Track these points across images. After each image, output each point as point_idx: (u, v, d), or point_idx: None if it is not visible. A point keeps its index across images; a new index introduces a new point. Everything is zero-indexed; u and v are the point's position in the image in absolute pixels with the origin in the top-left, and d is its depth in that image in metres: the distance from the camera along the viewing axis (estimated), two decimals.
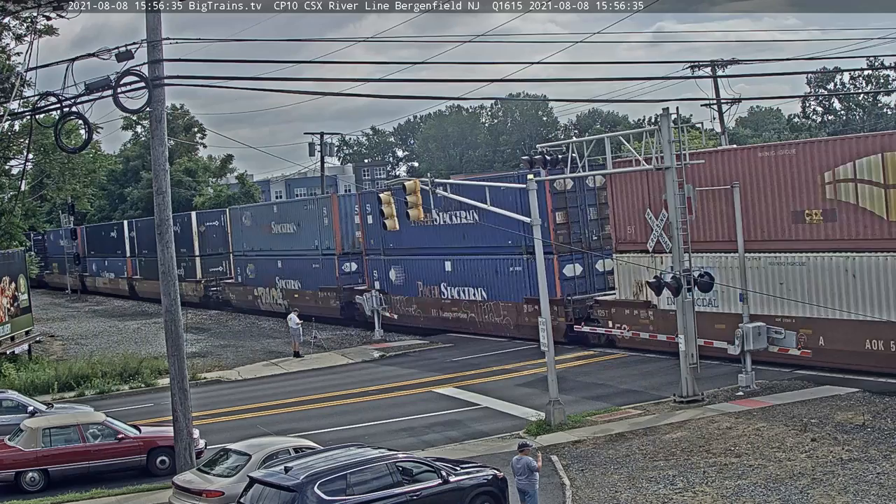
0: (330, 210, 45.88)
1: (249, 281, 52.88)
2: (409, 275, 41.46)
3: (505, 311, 36.81)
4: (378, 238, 42.35)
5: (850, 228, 25.34)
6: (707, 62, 48.50)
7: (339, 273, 45.14)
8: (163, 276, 21.20)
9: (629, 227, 31.46)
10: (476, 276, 37.88)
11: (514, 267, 35.98)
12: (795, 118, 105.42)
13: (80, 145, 26.67)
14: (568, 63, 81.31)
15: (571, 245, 33.20)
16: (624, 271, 31.93)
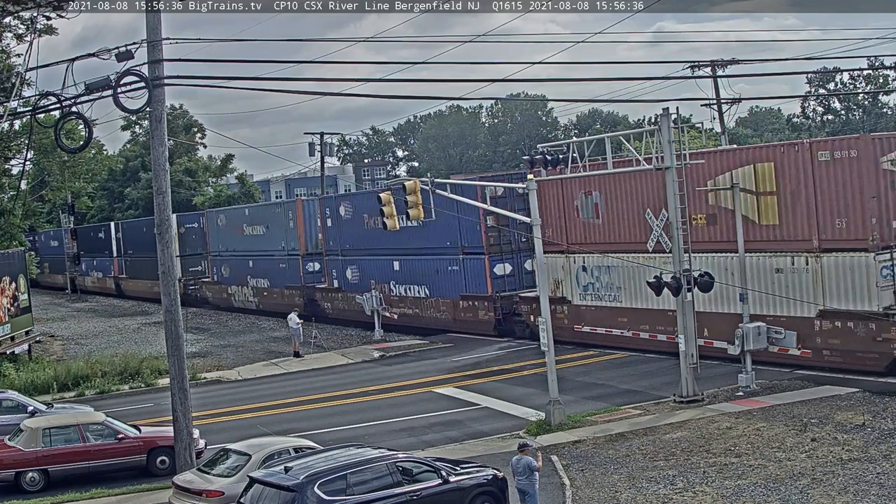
0: (295, 214, 48.73)
1: (224, 280, 55.60)
2: (363, 274, 44.19)
3: (444, 306, 39.69)
4: (337, 240, 45.97)
5: (729, 231, 27.72)
6: (707, 62, 48.51)
7: (303, 272, 48.28)
8: (163, 276, 21.21)
9: (547, 229, 33.43)
10: (420, 275, 40.87)
11: (452, 266, 39.08)
12: (795, 118, 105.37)
13: (80, 145, 26.65)
14: (568, 63, 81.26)
15: (501, 246, 37.01)
16: (553, 269, 34.38)
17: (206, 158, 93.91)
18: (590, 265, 33.46)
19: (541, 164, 26.36)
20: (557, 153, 26.80)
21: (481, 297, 37.77)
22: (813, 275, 26.13)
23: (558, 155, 26.68)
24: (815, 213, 26.24)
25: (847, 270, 25.53)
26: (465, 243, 38.37)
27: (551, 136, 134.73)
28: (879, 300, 24.93)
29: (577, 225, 33.44)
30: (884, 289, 24.93)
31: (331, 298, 46.91)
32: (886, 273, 24.97)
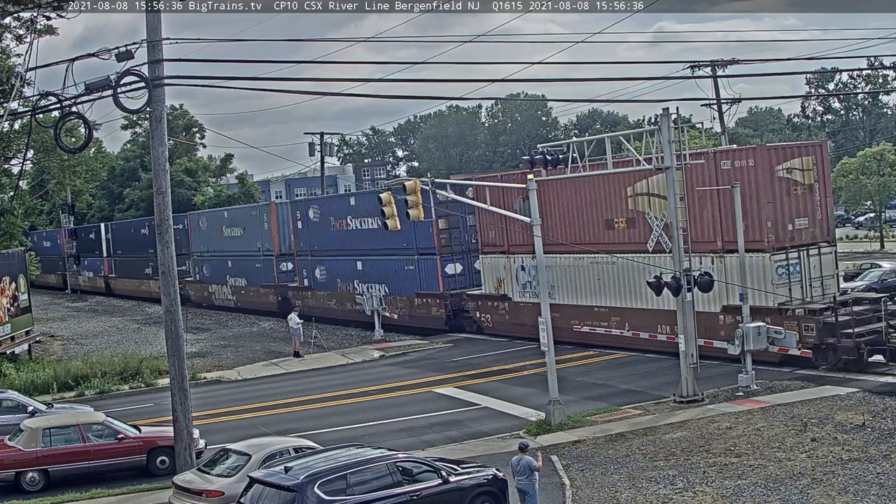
0: (269, 216, 51.66)
1: (205, 279, 58.46)
2: (330, 273, 47.08)
3: (401, 303, 42.38)
4: (307, 241, 48.75)
5: (645, 233, 30.49)
6: (707, 62, 48.52)
7: (276, 272, 51.18)
8: (163, 276, 21.23)
9: (491, 231, 37.43)
10: (381, 274, 43.59)
11: (408, 266, 41.76)
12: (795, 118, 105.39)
13: (80, 145, 26.65)
14: (568, 63, 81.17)
15: (452, 247, 39.95)
16: (488, 270, 38.12)
17: (206, 158, 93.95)
18: (527, 265, 35.93)
19: (541, 164, 26.36)
20: (557, 153, 26.80)
21: (434, 295, 40.30)
22: (717, 274, 27.61)
23: (558, 155, 26.69)
24: (720, 218, 28.61)
25: (747, 270, 27.40)
26: (419, 245, 40.76)
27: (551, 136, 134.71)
28: (775, 296, 27.52)
29: (515, 227, 34.30)
30: (779, 286, 27.66)
31: (301, 296, 49.23)
32: (781, 271, 27.72)
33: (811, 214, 28.44)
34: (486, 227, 37.61)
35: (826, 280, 28.45)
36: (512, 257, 36.76)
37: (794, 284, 27.98)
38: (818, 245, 28.53)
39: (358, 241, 44.16)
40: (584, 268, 33.28)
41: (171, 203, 21.27)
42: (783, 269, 27.75)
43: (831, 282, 28.70)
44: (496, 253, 37.52)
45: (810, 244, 28.32)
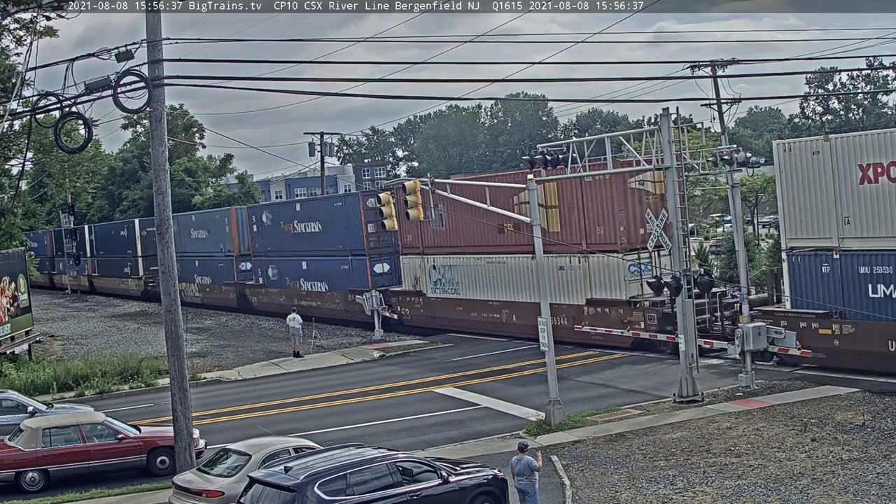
0: (229, 220, 56.15)
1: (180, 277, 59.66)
2: (281, 272, 51.73)
3: (338, 299, 46.80)
4: (261, 243, 53.35)
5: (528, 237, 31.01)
6: (707, 62, 48.48)
7: (236, 271, 55.76)
8: (162, 276, 21.23)
9: (409, 235, 42.03)
10: (322, 273, 48.03)
11: (343, 266, 46.21)
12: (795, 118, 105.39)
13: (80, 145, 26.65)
14: (568, 63, 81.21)
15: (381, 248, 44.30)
16: (407, 269, 43.12)
17: (205, 158, 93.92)
18: (438, 265, 40.84)
19: (540, 164, 26.38)
20: (557, 153, 26.82)
21: (364, 291, 43.66)
22: (583, 271, 33.54)
23: (558, 155, 26.71)
24: (584, 223, 33.54)
25: (605, 268, 32.65)
26: (352, 247, 45.28)
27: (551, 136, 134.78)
28: (627, 291, 32.08)
29: (428, 231, 39.50)
30: (631, 282, 32.06)
31: (257, 293, 54.30)
32: (633, 269, 31.93)
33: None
34: (406, 231, 41.37)
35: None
36: (426, 258, 41.57)
37: (645, 280, 30.62)
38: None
39: (303, 244, 49.01)
40: (482, 267, 38.48)
41: (171, 203, 21.23)
42: (635, 267, 31.96)
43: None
44: (413, 254, 42.30)
45: (658, 246, 28.97)
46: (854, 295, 26.00)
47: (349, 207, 46.13)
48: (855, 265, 25.88)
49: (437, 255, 40.70)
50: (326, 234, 46.61)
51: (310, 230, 47.88)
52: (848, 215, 25.91)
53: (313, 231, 47.14)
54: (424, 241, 41.56)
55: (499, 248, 36.94)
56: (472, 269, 38.76)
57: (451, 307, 39.63)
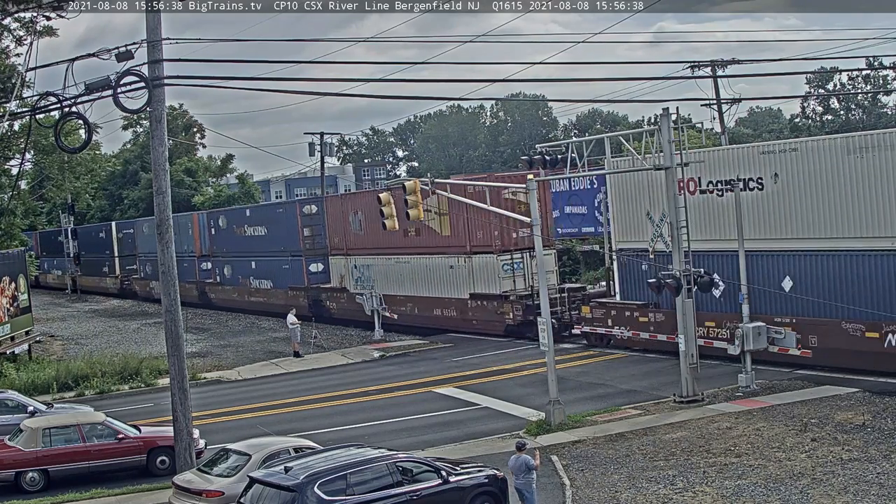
0: (192, 223, 61.14)
1: (147, 276, 67.93)
2: (234, 271, 56.69)
3: (279, 295, 51.87)
4: (218, 245, 58.25)
5: (427, 240, 39.82)
6: (707, 62, 48.50)
7: (198, 270, 60.54)
8: (162, 276, 21.24)
9: (335, 238, 47.21)
10: (267, 272, 53.14)
11: (284, 265, 51.32)
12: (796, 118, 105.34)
13: (80, 145, 26.65)
14: (568, 63, 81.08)
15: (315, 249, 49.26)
16: (334, 268, 47.90)
17: (205, 158, 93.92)
18: (358, 265, 45.83)
19: (540, 164, 26.35)
20: (556, 153, 26.80)
21: (301, 288, 49.74)
22: (467, 270, 38.73)
23: (557, 155, 26.68)
24: (468, 228, 38.22)
25: (484, 266, 38.00)
26: (291, 248, 50.30)
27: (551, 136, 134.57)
28: (500, 286, 37.28)
29: (350, 235, 45.90)
30: (504, 279, 37.27)
31: (215, 290, 59.57)
32: (507, 268, 37.18)
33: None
34: (333, 234, 47.43)
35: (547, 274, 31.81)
36: (349, 258, 46.40)
37: (517, 277, 37.29)
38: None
39: (252, 246, 54.24)
40: (391, 266, 43.22)
41: (171, 203, 21.25)
42: (508, 266, 37.24)
43: (551, 275, 36.83)
44: (339, 255, 47.22)
45: (531, 247, 33.16)
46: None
47: (288, 213, 51.51)
48: (665, 264, 27.95)
49: (357, 256, 45.80)
50: (271, 237, 51.91)
51: (258, 234, 53.20)
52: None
53: (260, 234, 52.53)
54: (348, 244, 46.42)
55: (405, 250, 42.21)
56: (384, 268, 43.72)
57: (352, 304, 44.95)
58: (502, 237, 37.34)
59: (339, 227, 46.67)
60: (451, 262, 39.54)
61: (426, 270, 40.91)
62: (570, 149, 26.83)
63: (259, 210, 56.00)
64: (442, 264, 39.83)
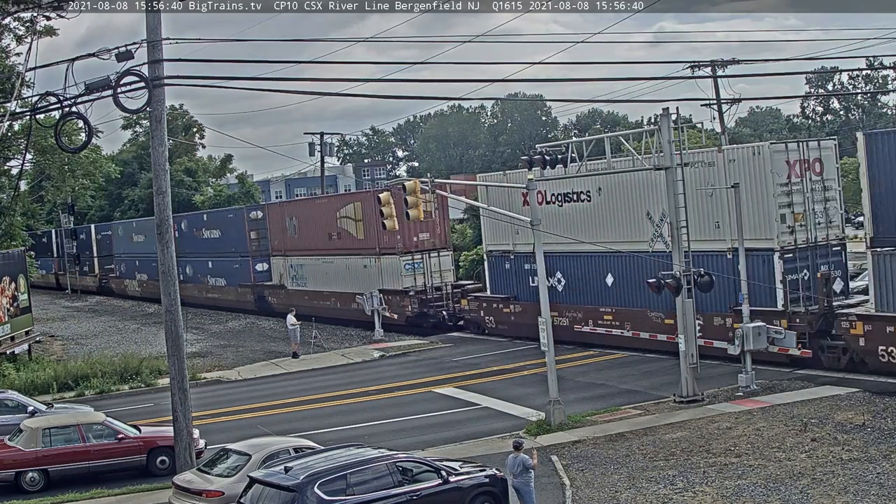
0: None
1: (123, 274, 73.85)
2: (195, 269, 61.76)
3: (231, 292, 57.53)
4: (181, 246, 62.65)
5: (346, 242, 46.14)
6: (707, 62, 48.51)
7: None
8: (162, 276, 21.24)
9: (276, 240, 52.76)
10: (221, 270, 58.54)
11: (235, 265, 56.83)
12: (795, 118, 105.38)
13: (80, 145, 26.65)
14: (568, 63, 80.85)
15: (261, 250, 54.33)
16: (275, 267, 53.11)
17: (206, 158, 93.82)
18: (293, 264, 50.76)
19: (539, 164, 26.34)
20: (556, 153, 26.78)
21: (248, 285, 55.31)
22: (377, 269, 43.79)
23: (557, 155, 26.66)
24: (377, 233, 42.40)
25: (390, 266, 42.92)
26: (240, 249, 56.00)
27: (551, 136, 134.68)
28: (403, 283, 42.02)
29: (287, 237, 51.14)
30: (405, 276, 42.01)
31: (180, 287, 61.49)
32: (408, 267, 41.91)
33: (432, 230, 42.48)
34: (274, 237, 52.67)
35: (444, 273, 42.48)
36: (287, 258, 51.43)
37: (417, 275, 42.03)
38: (437, 250, 42.49)
39: (209, 247, 59.58)
40: (319, 266, 48.28)
41: (171, 203, 21.24)
42: (409, 266, 41.87)
43: (448, 274, 42.82)
44: (279, 255, 52.27)
45: (431, 250, 42.23)
46: (522, 284, 36.99)
47: (238, 219, 56.73)
48: (522, 263, 36.51)
49: (293, 256, 50.90)
50: (224, 240, 57.32)
51: (213, 236, 58.47)
52: (518, 228, 34.50)
53: (216, 237, 57.73)
54: (286, 245, 51.37)
55: (329, 251, 47.37)
56: (313, 267, 48.95)
57: (301, 297, 49.05)
58: (405, 241, 41.96)
59: (279, 231, 52.07)
60: (365, 262, 44.72)
61: (346, 269, 46.05)
62: (570, 149, 26.83)
63: (214, 215, 60.80)
64: (358, 264, 45.16)
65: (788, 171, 27.43)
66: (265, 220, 53.67)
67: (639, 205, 31.14)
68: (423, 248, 42.33)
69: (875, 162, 24.98)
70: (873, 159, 25.03)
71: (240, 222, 55.74)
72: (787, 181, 27.42)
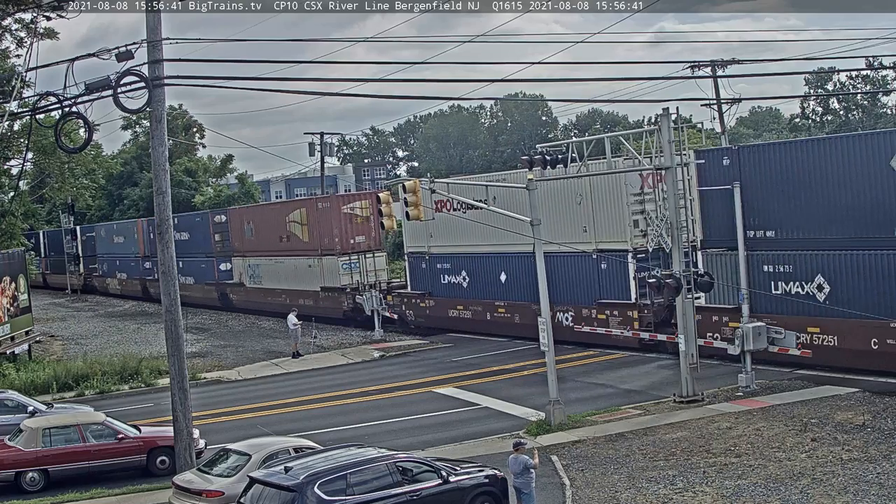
0: (136, 228, 71.16)
1: (105, 273, 78.85)
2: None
3: (198, 290, 61.02)
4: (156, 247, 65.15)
5: (294, 244, 50.23)
6: (707, 62, 48.49)
7: (141, 268, 70.28)
8: (163, 276, 21.22)
9: (236, 242, 56.46)
10: (191, 270, 61.42)
11: (202, 265, 60.86)
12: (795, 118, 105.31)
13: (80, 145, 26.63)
14: (568, 63, 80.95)
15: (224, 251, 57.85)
16: (235, 267, 56.83)
17: (206, 158, 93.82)
18: (251, 263, 54.83)
19: (539, 163, 26.34)
20: (556, 153, 26.78)
21: (213, 283, 59.60)
22: (319, 268, 47.60)
23: (557, 155, 26.66)
24: (319, 235, 47.44)
25: (330, 266, 46.73)
26: (206, 250, 60.06)
27: (551, 136, 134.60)
28: (340, 281, 45.98)
29: (246, 240, 55.21)
30: (343, 275, 46.05)
31: (154, 285, 64.12)
32: (345, 267, 46.01)
33: (367, 234, 46.57)
34: (234, 239, 56.56)
35: (378, 272, 46.18)
36: (245, 259, 55.49)
37: (354, 274, 45.93)
38: (372, 252, 46.47)
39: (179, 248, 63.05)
40: (272, 266, 52.64)
41: (171, 203, 21.24)
42: (347, 266, 45.98)
43: (382, 273, 46.64)
44: (239, 256, 56.22)
45: (366, 251, 46.30)
46: (435, 281, 41.63)
47: (204, 222, 60.73)
48: (435, 263, 41.46)
49: (251, 257, 54.99)
50: (192, 241, 60.69)
51: (182, 238, 60.86)
52: (432, 232, 40.22)
53: (185, 239, 60.50)
54: (245, 247, 55.43)
55: (280, 252, 51.51)
56: (267, 267, 53.20)
57: (258, 294, 54.39)
58: (342, 243, 46.39)
59: (239, 234, 56.33)
60: (309, 262, 48.79)
61: (294, 269, 50.28)
62: (570, 149, 26.83)
63: (183, 218, 63.87)
64: (304, 264, 49.32)
65: (641, 183, 30.74)
66: (227, 223, 57.68)
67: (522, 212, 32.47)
68: (359, 250, 46.41)
69: (703, 177, 28.62)
70: (702, 175, 28.60)
71: (205, 226, 60.07)
72: (640, 191, 30.72)
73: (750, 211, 26.96)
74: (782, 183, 26.58)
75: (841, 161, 25.12)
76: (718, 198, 27.98)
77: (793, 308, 26.27)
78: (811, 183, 25.84)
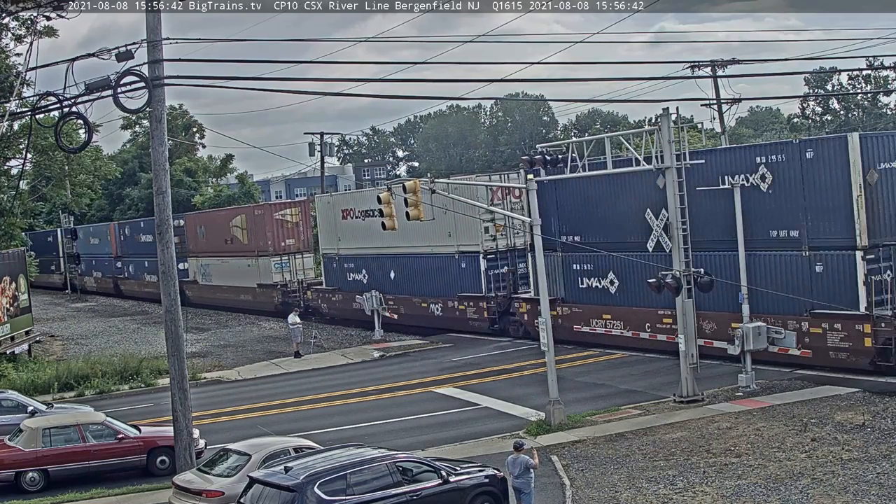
0: (109, 231, 76.33)
1: (84, 272, 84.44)
2: (136, 268, 71.27)
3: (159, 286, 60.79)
4: (125, 248, 73.55)
5: (236, 246, 55.51)
6: (707, 62, 48.50)
7: (114, 267, 75.68)
8: (162, 276, 21.24)
9: (191, 244, 60.34)
10: (154, 269, 61.12)
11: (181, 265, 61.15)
12: (795, 118, 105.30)
13: (80, 145, 26.65)
14: (568, 63, 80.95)
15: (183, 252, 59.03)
16: (192, 266, 61.48)
17: (206, 158, 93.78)
18: (203, 263, 60.18)
19: (540, 164, 26.33)
20: (556, 153, 26.78)
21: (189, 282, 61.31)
22: (256, 268, 53.13)
23: (557, 155, 26.66)
24: (256, 238, 52.89)
25: (265, 265, 52.34)
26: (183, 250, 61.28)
27: (551, 136, 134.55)
28: (273, 279, 51.70)
29: (199, 241, 60.09)
30: (275, 274, 51.63)
31: (125, 283, 74.13)
32: (277, 266, 51.50)
33: (297, 237, 52.39)
34: (190, 241, 60.66)
35: (306, 271, 52.06)
36: (199, 259, 60.56)
37: (285, 272, 51.45)
38: (301, 252, 52.13)
39: (145, 249, 66.47)
40: (218, 265, 57.88)
41: (171, 203, 21.24)
42: (278, 265, 51.57)
43: (310, 271, 52.36)
44: (194, 256, 61.03)
45: (296, 252, 52.04)
46: (342, 278, 47.62)
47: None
48: (343, 263, 47.67)
49: (202, 258, 60.11)
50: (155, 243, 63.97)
51: (148, 240, 65.11)
52: (340, 236, 47.43)
53: (150, 241, 62.97)
54: (198, 248, 60.28)
55: (225, 253, 56.78)
56: (215, 266, 58.38)
57: (209, 291, 59.72)
58: (275, 244, 52.10)
59: (193, 236, 61.08)
60: (248, 262, 54.03)
61: (236, 268, 55.45)
62: (571, 149, 26.81)
63: (149, 222, 66.91)
64: (243, 263, 54.52)
65: (491, 196, 37.07)
66: (184, 227, 61.26)
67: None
68: (289, 251, 52.21)
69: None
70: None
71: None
72: (490, 202, 35.92)
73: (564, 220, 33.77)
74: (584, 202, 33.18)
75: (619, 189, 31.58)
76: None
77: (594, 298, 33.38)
78: (602, 202, 32.55)
